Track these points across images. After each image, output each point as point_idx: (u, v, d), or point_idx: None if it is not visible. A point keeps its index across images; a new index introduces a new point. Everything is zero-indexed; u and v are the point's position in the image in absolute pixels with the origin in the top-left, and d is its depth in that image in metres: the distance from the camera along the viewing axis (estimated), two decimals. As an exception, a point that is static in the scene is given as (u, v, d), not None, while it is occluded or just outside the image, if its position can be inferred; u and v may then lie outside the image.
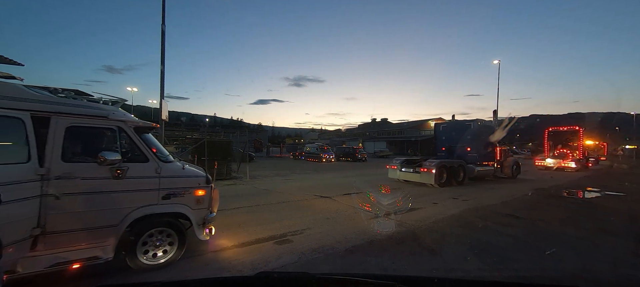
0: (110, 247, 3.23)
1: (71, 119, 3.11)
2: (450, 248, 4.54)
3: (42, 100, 3.00)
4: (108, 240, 3.23)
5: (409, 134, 61.39)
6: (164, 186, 3.55)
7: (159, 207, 3.51)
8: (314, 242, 4.56)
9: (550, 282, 3.79)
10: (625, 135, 71.06)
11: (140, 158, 3.47)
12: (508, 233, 5.32)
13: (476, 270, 3.66)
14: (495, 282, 2.05)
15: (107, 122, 3.32)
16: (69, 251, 3.06)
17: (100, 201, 3.21)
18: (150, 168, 3.50)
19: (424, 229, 5.47)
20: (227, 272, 3.51)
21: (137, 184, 3.40)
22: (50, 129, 2.99)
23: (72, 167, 3.08)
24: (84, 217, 3.12)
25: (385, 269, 3.73)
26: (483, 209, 7.40)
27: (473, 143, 13.11)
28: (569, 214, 7.16)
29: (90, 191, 3.15)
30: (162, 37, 9.89)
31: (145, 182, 3.45)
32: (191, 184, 3.78)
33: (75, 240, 3.09)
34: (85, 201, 3.13)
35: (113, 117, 3.34)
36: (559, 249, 4.44)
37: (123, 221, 3.28)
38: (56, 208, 2.95)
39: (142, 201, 3.41)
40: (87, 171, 3.14)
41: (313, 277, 1.46)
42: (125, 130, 3.41)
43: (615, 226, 6.11)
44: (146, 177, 3.47)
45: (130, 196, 3.35)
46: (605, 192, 10.48)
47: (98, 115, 3.28)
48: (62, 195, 2.97)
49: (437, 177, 10.80)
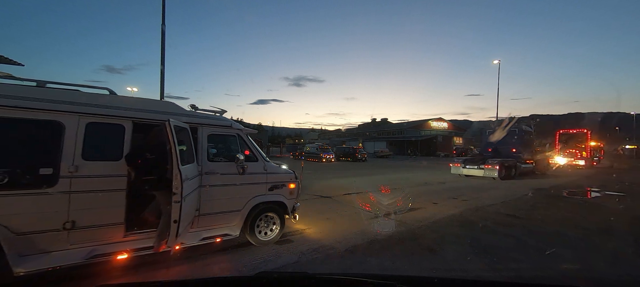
0: (237, 226, 4.17)
1: (210, 129, 4.07)
2: (450, 248, 4.54)
3: (192, 114, 3.96)
4: (235, 221, 4.17)
5: (408, 134, 61.40)
6: (269, 180, 4.52)
7: (267, 197, 4.45)
8: (314, 242, 4.57)
9: (550, 282, 3.79)
10: (626, 136, 71.07)
11: (252, 158, 4.38)
12: (508, 233, 5.32)
13: (476, 270, 3.66)
14: (495, 282, 2.05)
15: (230, 130, 4.29)
16: (211, 229, 3.96)
17: (231, 191, 4.13)
18: (260, 166, 4.46)
19: (424, 229, 5.48)
20: (226, 272, 3.52)
21: (253, 179, 4.35)
22: (199, 137, 3.92)
23: (214, 165, 4.01)
24: (221, 203, 4.04)
25: (385, 269, 3.73)
26: (483, 209, 7.40)
27: (517, 145, 15.93)
28: (568, 214, 7.17)
29: (225, 183, 4.07)
30: (162, 37, 9.89)
31: (258, 177, 4.40)
32: (286, 179, 4.73)
33: (215, 221, 4.01)
34: (222, 190, 4.05)
35: (235, 127, 4.36)
36: (559, 249, 4.44)
37: (245, 206, 4.23)
38: (205, 196, 3.89)
39: (256, 192, 4.36)
40: (223, 168, 4.08)
41: (313, 277, 1.46)
42: (242, 136, 4.39)
43: (615, 226, 6.12)
44: (258, 173, 4.42)
45: (249, 187, 4.30)
46: (605, 192, 10.49)
47: (226, 125, 4.25)
48: (209, 186, 3.91)
49: (500, 172, 13.67)
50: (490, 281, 1.76)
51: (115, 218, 3.27)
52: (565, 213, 7.24)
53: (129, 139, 3.38)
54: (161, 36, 9.88)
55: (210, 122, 4.10)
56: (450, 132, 64.57)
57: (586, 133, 22.94)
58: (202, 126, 4.00)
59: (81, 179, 3.07)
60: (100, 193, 3.18)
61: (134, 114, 3.43)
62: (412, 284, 1.41)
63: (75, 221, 3.03)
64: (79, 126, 3.12)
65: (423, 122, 64.34)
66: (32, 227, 2.84)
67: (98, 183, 3.17)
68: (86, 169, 3.10)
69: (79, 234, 3.07)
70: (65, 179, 2.98)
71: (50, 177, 2.93)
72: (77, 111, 3.12)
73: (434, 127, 63.41)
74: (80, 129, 3.12)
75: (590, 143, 23.13)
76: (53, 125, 3.01)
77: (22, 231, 2.79)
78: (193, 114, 3.97)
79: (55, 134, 3.01)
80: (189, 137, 3.60)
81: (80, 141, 3.10)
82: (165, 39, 9.98)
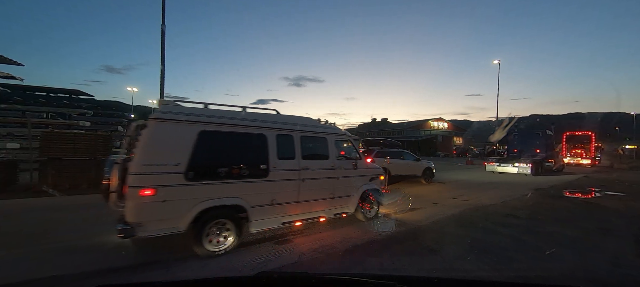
0: (353, 206, 5.60)
1: (335, 137, 5.49)
2: (450, 248, 4.54)
3: (325, 126, 5.53)
4: (352, 201, 5.59)
5: (408, 134, 61.38)
6: (369, 173, 5.97)
7: (369, 185, 5.88)
8: (314, 242, 4.57)
9: (550, 282, 3.79)
10: (626, 136, 71.03)
11: (357, 157, 5.78)
12: (508, 233, 5.32)
13: (476, 270, 3.66)
14: (495, 282, 2.04)
15: (345, 137, 5.80)
16: (338, 208, 5.39)
17: (349, 180, 5.54)
18: (363, 163, 5.90)
19: (424, 229, 5.48)
20: (226, 272, 3.51)
21: (361, 172, 5.75)
22: (328, 142, 5.34)
23: (339, 162, 5.40)
24: (345, 189, 5.46)
25: (385, 269, 3.73)
26: (483, 209, 7.40)
27: (541, 146, 18.53)
28: (568, 214, 7.17)
29: (346, 175, 5.47)
30: (162, 37, 9.89)
31: (363, 171, 5.82)
32: (379, 172, 6.25)
33: (340, 202, 5.42)
34: (345, 180, 5.45)
35: (348, 135, 5.95)
36: (559, 249, 4.44)
37: (357, 191, 5.66)
38: (337, 184, 5.32)
39: (363, 182, 5.79)
40: (344, 164, 5.49)
41: (313, 277, 1.46)
42: (351, 141, 5.89)
43: (615, 226, 6.11)
44: (363, 168, 5.85)
45: (359, 178, 5.71)
46: (605, 192, 10.48)
47: (342, 134, 5.76)
48: (338, 177, 5.33)
49: (532, 169, 16.02)
50: (490, 281, 1.76)
51: (295, 198, 4.72)
52: (566, 213, 7.25)
53: (298, 146, 4.84)
54: (161, 36, 9.88)
55: (334, 131, 5.54)
56: (451, 132, 64.57)
57: (591, 135, 25.11)
58: (331, 135, 5.42)
59: (278, 172, 4.51)
60: (286, 181, 4.62)
61: (300, 128, 4.97)
62: (412, 284, 1.41)
63: (275, 199, 4.47)
64: (274, 137, 4.57)
65: (423, 122, 64.33)
66: (258, 202, 4.30)
67: (286, 174, 4.62)
68: (280, 165, 4.54)
69: (278, 207, 4.52)
70: (272, 171, 4.45)
71: (266, 171, 4.40)
72: (271, 127, 4.59)
73: (434, 127, 63.41)
74: (274, 139, 4.56)
75: (594, 145, 25.12)
76: (258, 138, 4.45)
77: (253, 205, 4.25)
78: (324, 126, 5.53)
79: (263, 143, 4.46)
80: (326, 143, 5.30)
81: (274, 147, 4.53)
82: (165, 39, 9.98)
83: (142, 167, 3.50)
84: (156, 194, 3.51)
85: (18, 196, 7.72)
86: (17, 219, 5.74)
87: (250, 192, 4.21)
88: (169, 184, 3.60)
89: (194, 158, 3.78)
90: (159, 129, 3.72)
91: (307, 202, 4.88)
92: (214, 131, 4.08)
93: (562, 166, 20.48)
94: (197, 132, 3.88)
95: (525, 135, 20.26)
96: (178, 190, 3.66)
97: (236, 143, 4.29)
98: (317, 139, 5.23)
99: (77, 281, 3.16)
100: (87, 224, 5.38)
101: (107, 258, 3.85)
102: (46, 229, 5.09)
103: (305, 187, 4.81)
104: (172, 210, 3.63)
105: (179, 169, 3.67)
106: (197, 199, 3.79)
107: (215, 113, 4.27)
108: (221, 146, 4.19)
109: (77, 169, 8.98)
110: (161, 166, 3.59)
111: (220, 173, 4.01)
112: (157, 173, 3.55)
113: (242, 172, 4.18)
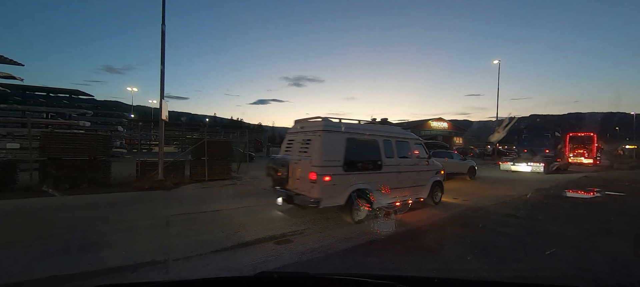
0: (426, 193, 7.21)
1: (414, 141, 7.27)
2: (450, 248, 4.54)
3: (408, 133, 7.32)
4: (425, 190, 7.21)
5: (409, 134, 61.25)
6: (435, 168, 7.61)
7: (435, 177, 7.51)
8: (314, 242, 4.56)
9: (550, 282, 3.78)
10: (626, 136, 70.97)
11: (427, 156, 7.49)
12: (508, 233, 5.32)
13: (476, 270, 3.66)
14: (495, 282, 2.04)
15: (419, 141, 7.47)
16: (418, 193, 7.05)
17: (425, 173, 7.25)
18: (432, 160, 7.64)
19: (424, 229, 5.48)
20: (226, 272, 3.51)
21: (430, 167, 7.44)
22: (410, 145, 7.09)
23: (418, 160, 7.12)
24: (421, 180, 7.10)
25: (385, 269, 3.73)
26: (483, 209, 7.41)
27: (549, 147, 20.86)
28: (568, 214, 7.18)
29: (422, 169, 7.17)
30: (162, 37, 9.88)
31: (431, 166, 7.49)
32: (440, 167, 7.84)
33: (418, 190, 7.04)
34: (422, 173, 7.18)
35: (421, 139, 7.72)
36: (559, 249, 4.44)
37: (428, 182, 7.29)
38: (417, 176, 7.03)
39: (432, 174, 7.45)
40: (421, 161, 7.19)
41: (313, 277, 1.46)
42: (422, 143, 7.52)
43: (615, 226, 6.11)
44: (432, 164, 7.54)
45: (429, 172, 7.40)
46: (605, 192, 10.48)
47: (417, 138, 7.50)
48: (418, 171, 7.06)
49: (545, 168, 17.56)
50: (490, 281, 1.76)
51: (395, 185, 6.36)
52: (565, 213, 7.25)
53: (395, 148, 6.54)
54: (161, 36, 9.86)
55: (413, 137, 7.33)
56: (451, 132, 64.51)
57: (593, 136, 26.33)
58: (411, 140, 7.19)
59: (386, 166, 6.21)
60: (390, 173, 6.30)
61: (395, 134, 6.78)
62: (412, 284, 1.41)
63: (385, 185, 6.03)
64: (382, 141, 6.29)
65: (423, 122, 64.28)
66: (376, 187, 5.86)
67: (390, 168, 6.31)
68: (386, 162, 6.24)
69: (387, 191, 6.03)
70: (384, 166, 6.17)
71: (380, 165, 6.12)
72: (379, 134, 6.33)
73: (434, 127, 63.36)
74: (382, 143, 6.27)
75: (596, 145, 26.34)
76: (374, 142, 6.19)
77: (375, 189, 5.81)
78: (408, 133, 7.31)
79: (376, 146, 6.18)
80: (408, 146, 7.02)
81: (382, 148, 6.24)
82: (166, 39, 9.97)
83: (324, 162, 5.21)
84: (331, 180, 5.24)
85: (18, 196, 7.72)
86: (17, 219, 5.74)
87: (372, 180, 5.88)
88: (336, 173, 5.33)
89: (346, 156, 5.49)
90: (328, 138, 5.38)
91: (401, 189, 6.54)
92: (353, 138, 5.77)
93: (567, 165, 21.84)
94: (346, 139, 5.61)
95: (534, 136, 22.18)
96: (341, 177, 5.41)
97: (364, 146, 5.96)
98: (404, 143, 6.91)
99: (77, 281, 3.16)
100: (87, 224, 5.38)
101: (107, 258, 3.85)
102: (46, 229, 5.09)
103: (401, 177, 6.53)
104: (338, 190, 5.37)
105: (339, 163, 5.40)
106: (349, 183, 5.50)
107: (351, 126, 6.01)
108: (357, 148, 5.76)
109: (77, 169, 8.97)
110: (332, 161, 5.31)
111: (359, 166, 5.71)
112: (330, 166, 5.28)
113: (368, 166, 5.91)
